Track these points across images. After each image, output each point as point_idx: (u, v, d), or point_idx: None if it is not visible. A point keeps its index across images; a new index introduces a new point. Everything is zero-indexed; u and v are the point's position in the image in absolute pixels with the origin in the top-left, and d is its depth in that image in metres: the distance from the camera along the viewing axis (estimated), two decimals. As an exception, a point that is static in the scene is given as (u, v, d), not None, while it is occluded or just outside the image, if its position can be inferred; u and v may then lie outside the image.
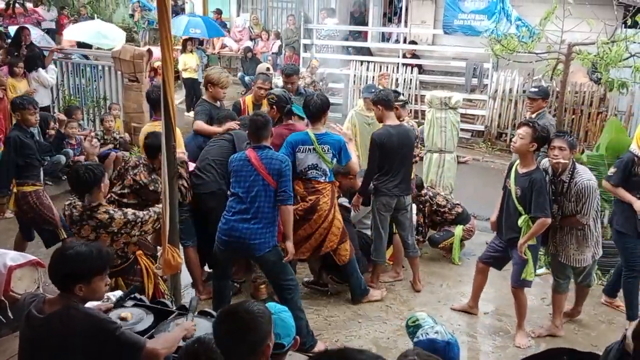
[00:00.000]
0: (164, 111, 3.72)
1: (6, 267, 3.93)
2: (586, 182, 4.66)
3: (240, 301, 2.65)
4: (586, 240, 4.84)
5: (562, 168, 4.71)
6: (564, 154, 4.65)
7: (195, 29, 13.22)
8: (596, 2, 8.72)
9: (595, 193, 4.71)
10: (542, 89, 6.65)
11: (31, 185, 5.50)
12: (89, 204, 3.91)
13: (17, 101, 5.68)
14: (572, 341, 4.96)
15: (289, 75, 6.67)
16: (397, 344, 4.87)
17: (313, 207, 5.09)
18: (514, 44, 7.44)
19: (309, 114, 5.23)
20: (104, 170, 4.08)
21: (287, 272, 4.64)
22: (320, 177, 5.13)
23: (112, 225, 3.90)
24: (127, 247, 4.09)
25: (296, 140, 5.05)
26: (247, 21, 16.03)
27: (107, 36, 11.97)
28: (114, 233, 3.92)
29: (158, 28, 3.73)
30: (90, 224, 3.89)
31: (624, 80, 7.08)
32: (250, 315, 2.36)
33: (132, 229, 3.98)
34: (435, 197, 6.58)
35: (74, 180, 3.94)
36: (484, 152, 11.16)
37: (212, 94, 5.75)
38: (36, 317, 2.65)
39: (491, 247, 5.19)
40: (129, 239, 4.03)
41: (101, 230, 3.89)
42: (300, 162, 5.06)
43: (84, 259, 2.69)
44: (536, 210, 4.61)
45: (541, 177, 4.66)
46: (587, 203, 4.66)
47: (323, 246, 5.20)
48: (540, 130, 4.63)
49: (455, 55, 13.03)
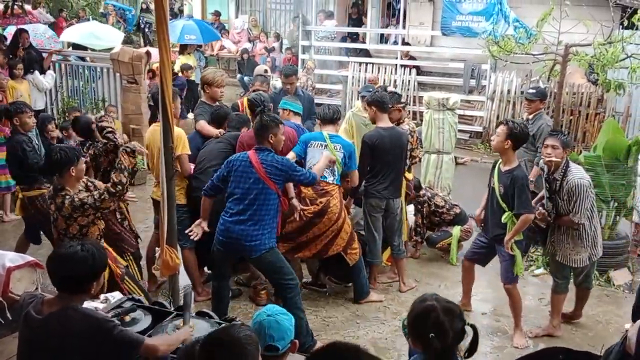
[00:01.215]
0: (162, 112, 3.75)
1: (5, 268, 3.93)
2: (577, 181, 4.68)
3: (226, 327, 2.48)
4: (581, 240, 4.85)
5: (555, 166, 4.77)
6: (557, 153, 4.73)
7: (189, 35, 13.11)
8: (593, 4, 8.75)
9: (588, 192, 4.71)
10: (540, 90, 6.68)
11: (37, 190, 5.54)
12: (56, 186, 4.02)
13: (14, 107, 5.75)
14: (569, 341, 4.97)
15: (288, 75, 6.70)
16: (395, 345, 4.88)
17: (323, 209, 5.12)
18: (511, 45, 7.47)
19: (322, 118, 5.38)
20: (80, 155, 4.14)
21: (286, 271, 4.65)
22: (329, 177, 5.17)
23: (63, 210, 3.99)
24: (88, 229, 4.11)
25: (309, 137, 5.22)
26: (246, 23, 16.04)
27: (100, 37, 11.95)
28: (66, 217, 4.01)
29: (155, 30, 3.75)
30: (52, 207, 4.04)
31: (621, 81, 7.11)
32: (236, 345, 2.22)
33: (83, 213, 4.03)
34: (433, 197, 6.60)
35: (46, 159, 4.09)
36: (482, 153, 11.17)
37: (210, 94, 5.80)
38: (35, 318, 2.66)
39: (476, 244, 5.25)
40: (84, 220, 4.07)
41: (56, 214, 4.02)
42: (311, 157, 5.13)
43: (87, 261, 2.72)
44: (519, 207, 4.66)
45: (522, 174, 4.71)
46: (579, 201, 4.68)
47: (329, 249, 5.24)
48: (514, 128, 4.65)
49: (453, 57, 13.04)
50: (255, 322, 2.72)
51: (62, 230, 4.07)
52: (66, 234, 4.06)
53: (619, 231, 6.41)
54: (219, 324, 3.39)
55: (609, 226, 6.29)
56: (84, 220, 4.06)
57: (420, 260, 6.58)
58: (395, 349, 4.85)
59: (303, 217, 5.06)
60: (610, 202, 6.19)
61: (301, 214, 5.05)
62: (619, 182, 6.13)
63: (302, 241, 5.20)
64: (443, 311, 2.42)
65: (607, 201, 6.17)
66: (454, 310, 2.45)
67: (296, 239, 5.18)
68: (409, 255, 6.43)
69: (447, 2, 11.55)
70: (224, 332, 2.35)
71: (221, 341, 2.26)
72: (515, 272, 4.85)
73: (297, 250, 5.25)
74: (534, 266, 6.40)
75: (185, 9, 18.26)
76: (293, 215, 5.07)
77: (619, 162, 6.12)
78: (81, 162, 4.08)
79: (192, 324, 3.24)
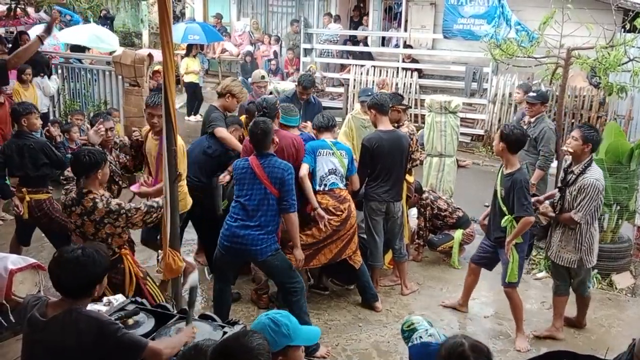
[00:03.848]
0: (165, 115, 3.73)
1: (7, 270, 3.93)
2: (592, 180, 4.69)
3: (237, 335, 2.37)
4: (575, 241, 4.84)
5: (574, 158, 4.82)
6: (574, 144, 4.76)
7: (193, 35, 13.27)
8: (595, 7, 8.75)
9: (598, 195, 4.70)
10: (541, 94, 6.68)
11: (45, 193, 5.50)
12: (81, 188, 3.95)
13: (21, 108, 5.63)
14: (572, 345, 4.96)
15: (307, 88, 6.79)
16: (398, 348, 4.87)
17: (347, 216, 5.15)
18: (513, 48, 7.46)
19: (318, 127, 5.40)
20: (106, 158, 4.12)
21: (292, 275, 4.65)
22: (340, 183, 5.20)
23: (95, 214, 3.91)
24: (112, 239, 4.04)
25: (316, 146, 5.19)
26: (248, 26, 16.06)
27: (104, 40, 12.03)
28: (96, 222, 3.93)
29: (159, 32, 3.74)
30: (76, 211, 3.93)
31: (623, 84, 7.09)
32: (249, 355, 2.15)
33: (116, 220, 3.97)
34: (436, 200, 6.59)
35: (74, 162, 4.01)
36: (483, 156, 11.16)
37: (228, 104, 5.78)
38: (39, 321, 2.66)
39: (481, 248, 5.28)
40: (113, 229, 4.00)
41: (85, 218, 3.92)
42: (321, 166, 5.12)
43: (93, 265, 2.72)
44: (519, 210, 4.67)
45: (522, 177, 4.73)
46: (585, 200, 4.69)
47: (343, 253, 5.24)
48: (506, 131, 4.74)
49: (454, 60, 13.06)
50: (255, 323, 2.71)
51: (90, 236, 3.98)
52: (94, 239, 3.98)
53: (622, 235, 6.40)
54: (222, 327, 3.39)
55: (612, 229, 6.29)
56: (112, 228, 4.00)
57: (422, 264, 6.57)
58: (397, 352, 4.84)
59: (329, 227, 5.04)
60: (613, 205, 6.18)
61: (326, 224, 5.02)
62: (621, 186, 6.13)
63: (318, 247, 5.13)
64: (471, 349, 2.43)
65: (610, 205, 6.16)
66: (482, 349, 2.46)
67: (313, 247, 5.10)
68: (411, 259, 6.42)
69: (449, 5, 11.53)
70: (236, 341, 2.25)
71: (233, 351, 2.19)
72: (508, 278, 4.87)
73: (312, 258, 5.12)
74: (536, 269, 6.40)
75: (187, 11, 18.27)
76: (315, 225, 5.02)
77: (622, 165, 6.12)
78: (107, 165, 4.08)
79: (194, 326, 3.23)
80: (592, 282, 5.36)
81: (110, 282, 4.05)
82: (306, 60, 13.65)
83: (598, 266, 6.12)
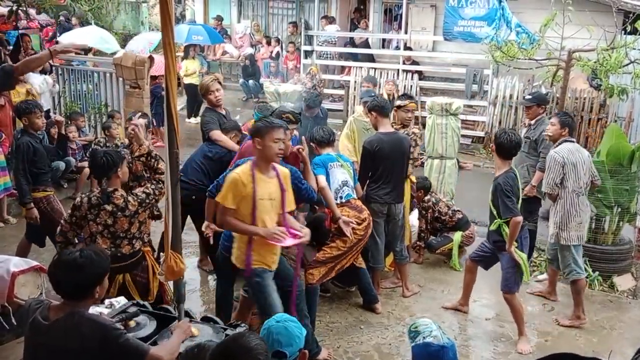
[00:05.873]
0: (167, 116, 3.73)
1: (9, 273, 3.93)
2: (551, 153, 5.35)
3: (235, 336, 2.42)
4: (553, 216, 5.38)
5: (552, 140, 5.55)
6: (552, 129, 5.50)
7: (197, 35, 13.34)
8: (596, 9, 8.77)
9: (556, 166, 5.23)
10: (536, 95, 6.58)
11: (42, 192, 5.51)
12: (106, 189, 4.04)
13: (23, 106, 5.60)
14: (573, 347, 4.96)
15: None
16: (399, 350, 4.87)
17: (369, 222, 5.19)
18: (514, 50, 7.49)
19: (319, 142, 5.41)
20: (123, 157, 4.19)
21: (291, 278, 4.63)
22: (353, 194, 5.25)
23: (129, 208, 4.04)
24: (143, 227, 4.19)
25: (326, 160, 5.22)
26: (248, 28, 16.07)
27: (108, 41, 12.10)
28: (130, 216, 4.06)
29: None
30: (107, 209, 4.02)
31: (624, 86, 7.12)
32: (247, 355, 2.18)
33: (146, 207, 4.13)
34: (437, 203, 6.59)
35: (92, 164, 4.12)
36: (484, 158, 11.16)
37: (209, 100, 5.83)
38: (41, 324, 2.66)
39: (481, 248, 5.35)
40: (144, 216, 4.17)
41: (119, 214, 4.03)
42: (334, 179, 5.16)
43: (91, 265, 2.71)
44: (504, 212, 4.75)
45: (503, 180, 4.79)
46: (547, 172, 5.34)
47: (356, 260, 5.30)
48: (497, 135, 4.95)
49: (455, 62, 13.05)
50: (264, 328, 2.73)
51: (121, 233, 4.07)
52: (126, 235, 4.09)
53: (623, 237, 6.41)
54: (224, 329, 3.39)
55: (613, 232, 6.30)
56: (142, 216, 4.15)
57: (423, 266, 6.57)
58: (399, 355, 4.84)
59: (354, 237, 5.05)
60: (614, 207, 6.19)
61: (351, 233, 5.02)
62: (622, 188, 6.14)
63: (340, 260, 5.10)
64: None
65: (611, 206, 6.17)
66: None
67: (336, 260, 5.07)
68: (412, 261, 6.42)
69: (449, 7, 11.53)
70: (235, 342, 2.29)
71: (232, 352, 2.21)
72: (524, 278, 4.98)
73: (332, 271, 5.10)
74: (537, 272, 6.40)
75: (187, 13, 18.29)
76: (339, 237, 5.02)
77: (623, 167, 6.13)
78: (125, 163, 4.16)
79: (187, 320, 3.26)
80: (582, 269, 5.42)
81: (136, 282, 4.13)
82: (307, 63, 13.65)
83: (599, 268, 6.15)
